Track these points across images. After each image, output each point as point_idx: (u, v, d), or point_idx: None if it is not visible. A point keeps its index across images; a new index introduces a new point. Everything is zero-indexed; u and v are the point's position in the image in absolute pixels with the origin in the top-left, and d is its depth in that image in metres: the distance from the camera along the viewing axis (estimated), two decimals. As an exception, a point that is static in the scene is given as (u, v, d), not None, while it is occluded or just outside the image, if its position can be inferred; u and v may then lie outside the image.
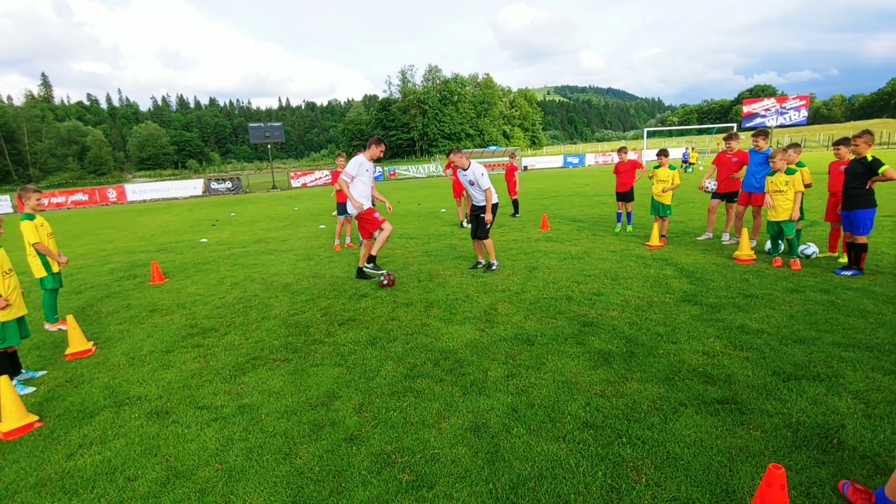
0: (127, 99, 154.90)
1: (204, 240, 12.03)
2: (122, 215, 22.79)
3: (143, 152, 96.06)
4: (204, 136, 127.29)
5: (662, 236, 8.22)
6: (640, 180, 10.27)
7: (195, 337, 4.92)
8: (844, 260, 6.10)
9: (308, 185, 38.63)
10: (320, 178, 38.78)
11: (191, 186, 35.87)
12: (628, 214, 9.71)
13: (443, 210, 15.38)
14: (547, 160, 47.69)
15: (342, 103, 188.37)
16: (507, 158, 13.21)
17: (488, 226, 6.66)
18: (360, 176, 6.46)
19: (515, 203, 12.95)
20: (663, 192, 8.15)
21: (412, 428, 3.01)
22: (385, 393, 3.48)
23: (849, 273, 5.69)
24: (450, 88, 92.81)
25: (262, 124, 39.48)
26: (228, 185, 36.48)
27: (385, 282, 6.29)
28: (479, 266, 7.08)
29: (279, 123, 40.76)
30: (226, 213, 19.67)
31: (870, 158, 5.56)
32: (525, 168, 43.64)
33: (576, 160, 46.41)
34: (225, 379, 3.89)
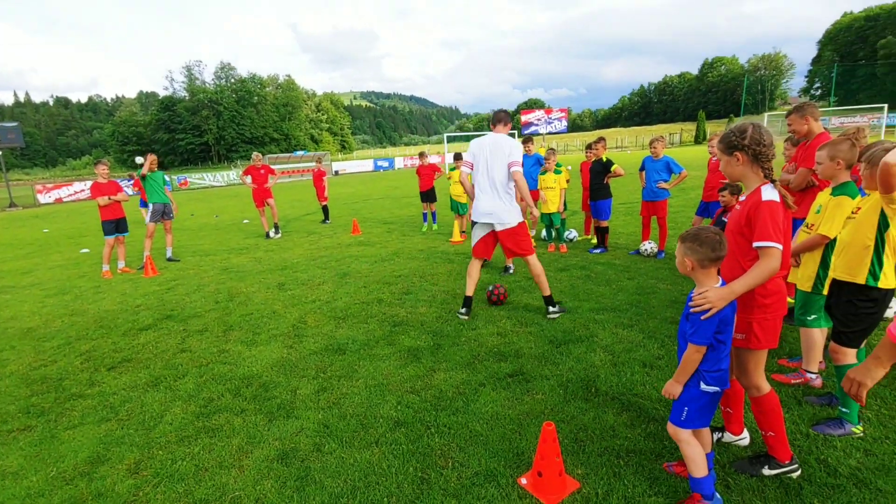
0: None
1: None
2: None
3: None
4: None
5: (463, 232, 8.98)
6: (439, 181, 11.04)
7: None
8: (595, 241, 7.57)
9: (64, 199, 31.11)
10: (82, 190, 31.57)
11: None
12: (433, 214, 10.36)
13: (245, 221, 14.08)
14: (358, 164, 47.87)
15: (108, 100, 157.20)
16: (313, 164, 12.75)
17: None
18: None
19: (325, 209, 12.63)
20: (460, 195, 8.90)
21: (206, 474, 2.62)
22: (171, 441, 2.96)
23: (598, 251, 7.08)
24: (247, 89, 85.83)
25: (-16, 124, 30.23)
26: (-68, 205, 26.97)
27: (499, 298, 5.10)
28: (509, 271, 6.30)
29: (15, 123, 31.66)
30: (-72, 244, 14.45)
31: (605, 159, 7.00)
32: (336, 173, 43.04)
33: (386, 164, 47.73)
34: (-82, 475, 2.81)
